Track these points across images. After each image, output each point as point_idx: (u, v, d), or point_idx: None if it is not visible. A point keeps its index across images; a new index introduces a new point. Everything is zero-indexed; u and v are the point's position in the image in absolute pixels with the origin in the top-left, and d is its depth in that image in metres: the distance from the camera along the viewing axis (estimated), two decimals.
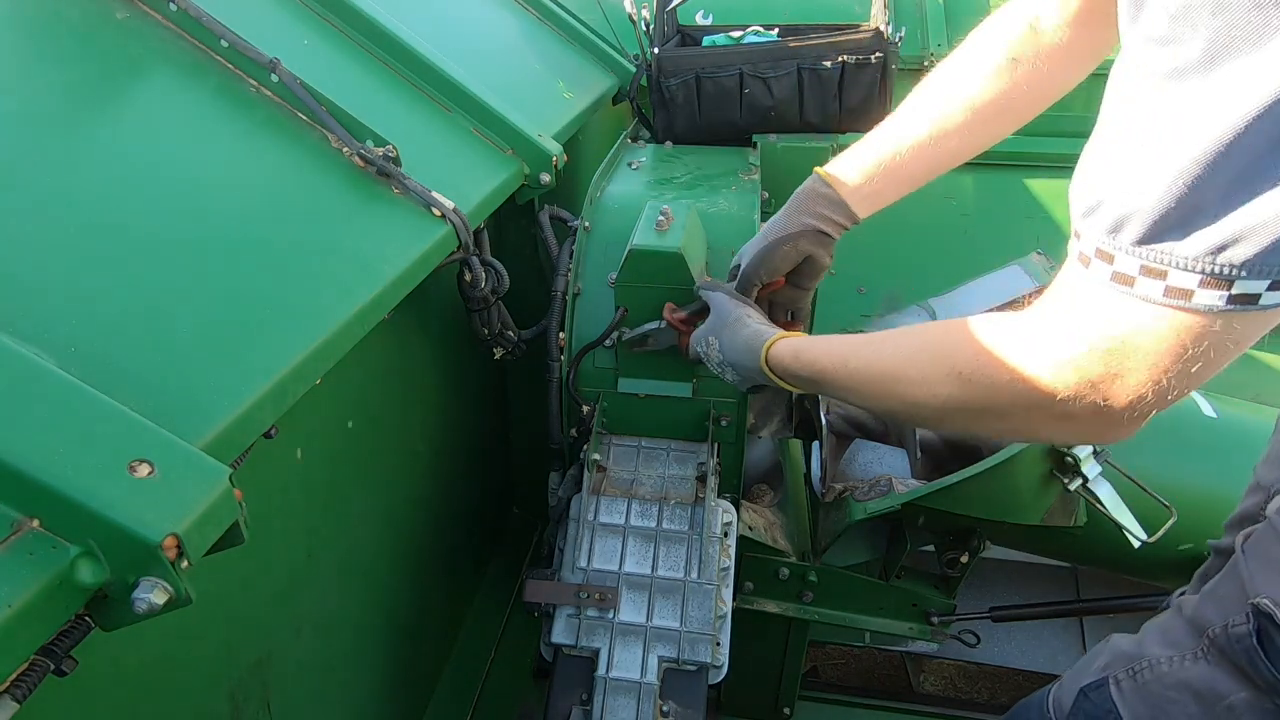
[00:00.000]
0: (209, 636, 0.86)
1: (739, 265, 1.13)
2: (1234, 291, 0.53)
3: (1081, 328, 0.60)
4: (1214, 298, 0.53)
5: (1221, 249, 0.52)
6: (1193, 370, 0.58)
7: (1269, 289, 0.52)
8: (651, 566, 1.14)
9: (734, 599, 1.22)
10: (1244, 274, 0.52)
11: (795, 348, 0.95)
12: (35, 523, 0.52)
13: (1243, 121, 0.48)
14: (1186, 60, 0.50)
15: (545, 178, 1.35)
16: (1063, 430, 0.68)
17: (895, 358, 0.80)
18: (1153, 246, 0.54)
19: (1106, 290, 0.58)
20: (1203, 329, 0.55)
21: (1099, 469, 1.22)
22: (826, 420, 1.46)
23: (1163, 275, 0.54)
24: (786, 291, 1.16)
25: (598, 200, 1.40)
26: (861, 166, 1.04)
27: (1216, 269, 0.52)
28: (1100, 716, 0.87)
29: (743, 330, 1.03)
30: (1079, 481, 1.23)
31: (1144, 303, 0.56)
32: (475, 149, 1.30)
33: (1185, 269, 0.53)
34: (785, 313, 1.20)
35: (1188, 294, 0.54)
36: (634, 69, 1.90)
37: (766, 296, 1.17)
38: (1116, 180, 0.55)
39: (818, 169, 1.08)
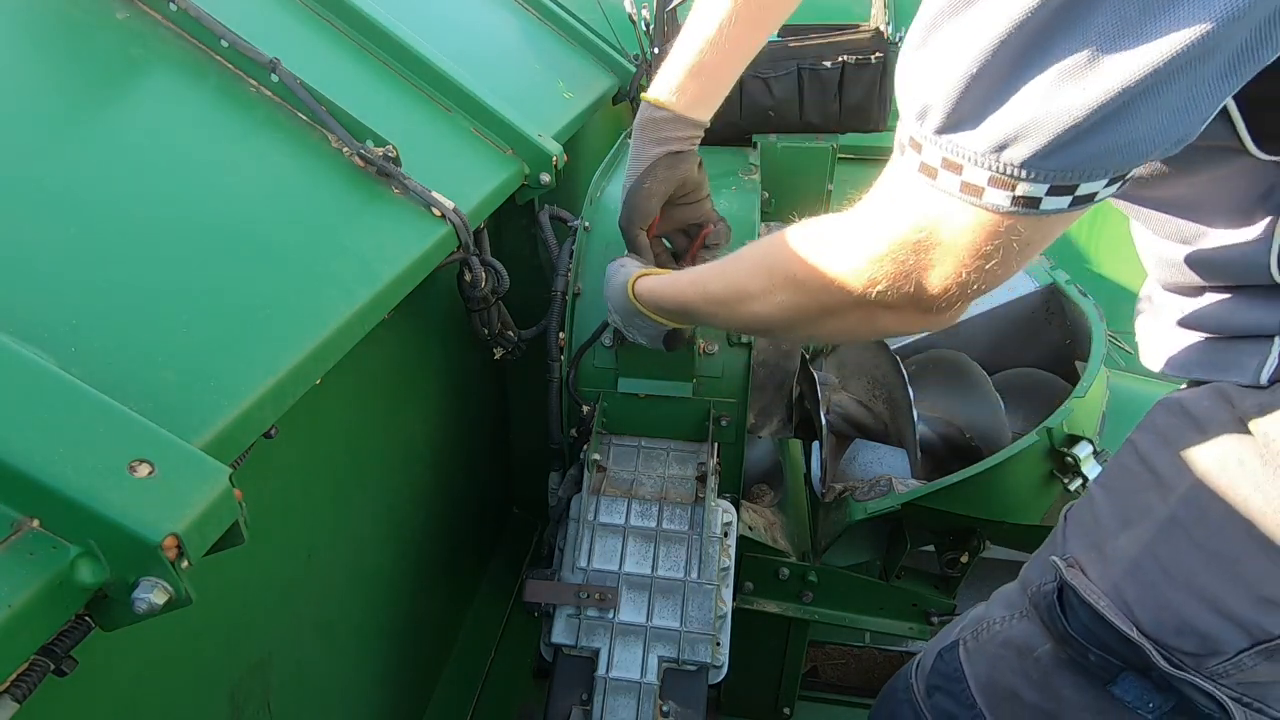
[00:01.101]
0: (209, 637, 0.86)
1: (620, 225, 1.14)
2: (1017, 193, 0.54)
3: (893, 219, 0.62)
4: (1001, 197, 0.54)
5: (1003, 147, 0.52)
6: (988, 267, 0.59)
7: (1049, 194, 0.53)
8: (651, 566, 1.14)
9: (734, 599, 1.22)
10: (1024, 174, 0.52)
11: (660, 281, 0.99)
12: (35, 523, 0.52)
13: (1024, 9, 0.48)
14: None
15: (545, 178, 1.35)
16: (889, 321, 0.70)
17: (739, 274, 0.83)
18: (950, 137, 0.55)
19: (915, 180, 0.59)
20: (994, 227, 0.56)
21: (1099, 469, 1.22)
22: (826, 420, 1.46)
23: (958, 169, 0.55)
24: (678, 213, 1.15)
25: (598, 200, 1.40)
26: (677, 78, 1.04)
27: (1000, 168, 0.53)
28: (949, 675, 0.93)
29: (616, 277, 1.07)
30: (1079, 481, 1.23)
31: (945, 195, 0.57)
32: (475, 149, 1.30)
33: (976, 164, 0.54)
34: (697, 230, 1.18)
35: (979, 190, 0.55)
36: (634, 69, 1.91)
37: (663, 234, 1.18)
38: (925, 63, 0.55)
39: (644, 96, 1.08)
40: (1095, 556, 0.79)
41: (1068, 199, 0.54)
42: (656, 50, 1.66)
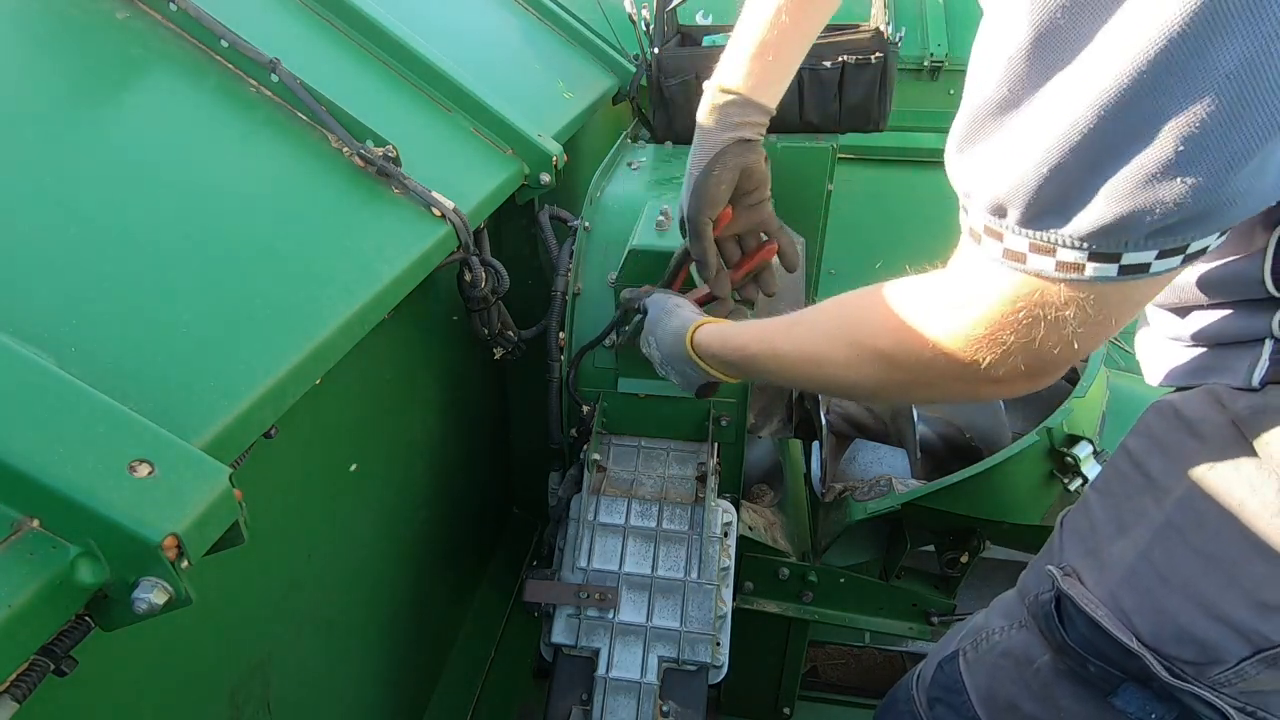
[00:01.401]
0: (209, 637, 0.86)
1: (681, 219, 1.06)
2: (1123, 263, 0.53)
3: (987, 302, 0.60)
4: (1108, 270, 0.54)
5: (1099, 229, 0.51)
6: (1096, 331, 0.58)
7: (1158, 258, 0.53)
8: (651, 566, 1.14)
9: (734, 599, 1.22)
10: (1127, 246, 0.52)
11: (722, 333, 0.94)
12: (35, 523, 0.52)
13: (1097, 105, 0.47)
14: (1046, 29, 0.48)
15: (545, 178, 1.35)
16: (993, 390, 0.68)
17: (816, 341, 0.79)
18: (1036, 231, 0.54)
19: (1002, 267, 0.58)
20: (1100, 294, 0.55)
21: (1099, 469, 1.22)
22: (826, 420, 1.46)
23: (1050, 252, 0.54)
24: (743, 218, 1.10)
25: (598, 200, 1.40)
26: (740, 62, 1.01)
27: (1098, 246, 0.52)
28: (950, 686, 0.93)
29: (671, 321, 1.02)
30: (1079, 481, 1.23)
31: (1039, 277, 0.56)
32: (475, 149, 1.30)
33: (1072, 247, 0.53)
34: (757, 238, 1.13)
35: (1080, 267, 0.54)
36: (634, 69, 1.91)
37: (728, 235, 1.11)
38: (991, 158, 0.55)
39: (708, 83, 1.05)
40: (1092, 564, 0.78)
41: (1178, 259, 0.53)
42: (656, 50, 1.66)
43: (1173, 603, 0.70)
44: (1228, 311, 0.72)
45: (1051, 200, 0.52)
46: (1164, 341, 0.80)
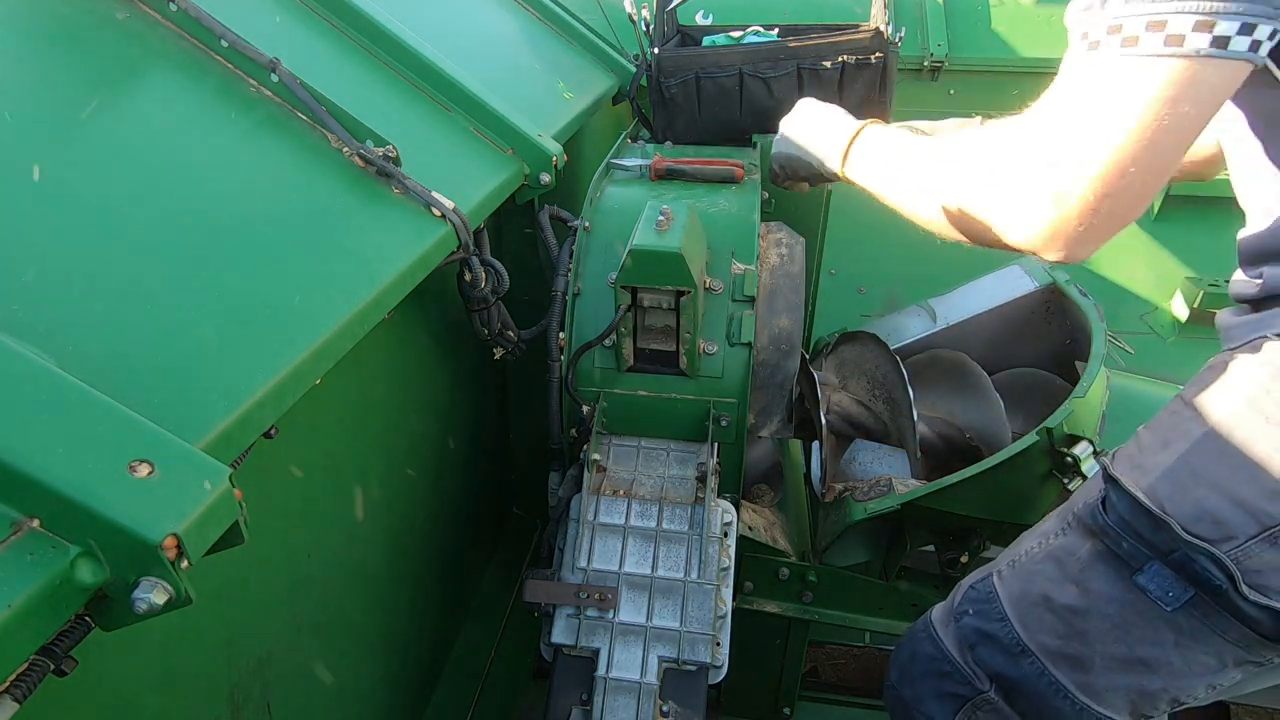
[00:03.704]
0: (209, 637, 0.86)
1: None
2: (1215, 33, 0.68)
3: (1144, 98, 0.72)
4: (1202, 40, 0.68)
5: None
6: (1184, 120, 0.72)
7: (1238, 32, 0.68)
8: (651, 566, 1.14)
9: (734, 599, 1.22)
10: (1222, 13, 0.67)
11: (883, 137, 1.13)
12: (35, 523, 0.52)
13: None
14: None
15: (545, 178, 1.35)
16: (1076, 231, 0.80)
17: (986, 151, 0.89)
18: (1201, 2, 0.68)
19: (1154, 60, 0.70)
20: (1193, 73, 0.70)
21: (1099, 469, 1.22)
22: (826, 420, 1.46)
23: (1210, 27, 0.68)
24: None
25: (598, 200, 1.40)
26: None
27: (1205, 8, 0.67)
28: (982, 598, 1.04)
29: (835, 121, 1.23)
30: (1079, 481, 1.23)
31: (1152, 58, 0.70)
32: (475, 149, 1.30)
33: (1181, 12, 0.68)
34: None
35: (1180, 39, 0.69)
36: (634, 69, 1.90)
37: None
38: None
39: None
40: (1137, 473, 0.90)
41: (1248, 39, 0.68)
42: (656, 50, 1.66)
43: (1200, 492, 0.84)
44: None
45: None
46: (1232, 315, 0.94)
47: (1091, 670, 0.94)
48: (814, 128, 1.26)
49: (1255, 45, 0.69)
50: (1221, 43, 0.68)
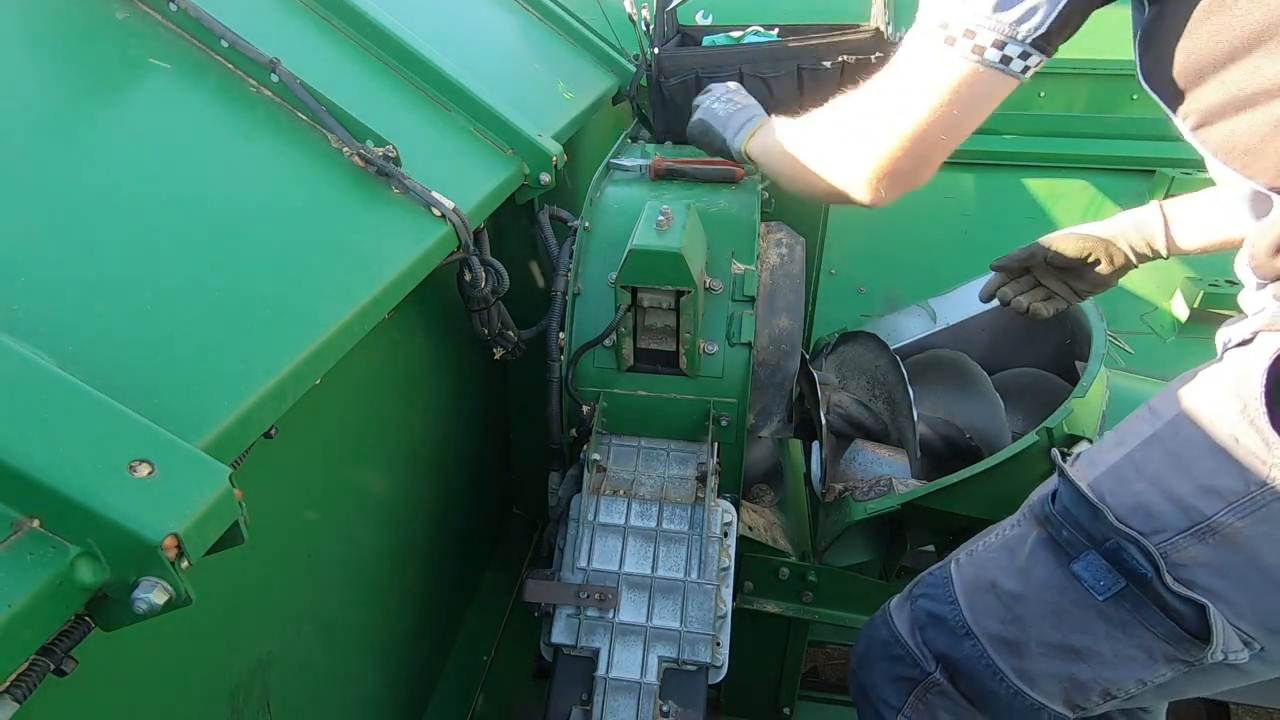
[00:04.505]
0: (209, 637, 0.86)
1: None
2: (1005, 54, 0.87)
3: (945, 85, 0.91)
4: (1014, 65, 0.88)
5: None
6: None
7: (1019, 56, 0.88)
8: (651, 566, 1.14)
9: (734, 599, 1.22)
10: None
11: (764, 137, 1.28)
12: (35, 523, 0.52)
13: None
14: None
15: (545, 178, 1.35)
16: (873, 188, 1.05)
17: (818, 139, 1.12)
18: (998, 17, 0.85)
19: (964, 60, 0.89)
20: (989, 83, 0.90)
21: None
22: (826, 420, 1.46)
23: (1001, 45, 0.86)
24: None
25: (598, 200, 1.40)
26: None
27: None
28: (937, 582, 1.09)
29: (742, 117, 1.37)
30: None
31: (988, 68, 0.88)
32: (475, 149, 1.30)
33: (1014, 39, 0.86)
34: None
35: (1009, 59, 0.87)
36: (634, 69, 1.91)
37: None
38: None
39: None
40: (1089, 469, 0.94)
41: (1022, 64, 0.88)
42: (656, 50, 1.66)
43: (1140, 487, 0.88)
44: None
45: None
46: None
47: (1026, 655, 0.97)
48: (729, 111, 1.41)
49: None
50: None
